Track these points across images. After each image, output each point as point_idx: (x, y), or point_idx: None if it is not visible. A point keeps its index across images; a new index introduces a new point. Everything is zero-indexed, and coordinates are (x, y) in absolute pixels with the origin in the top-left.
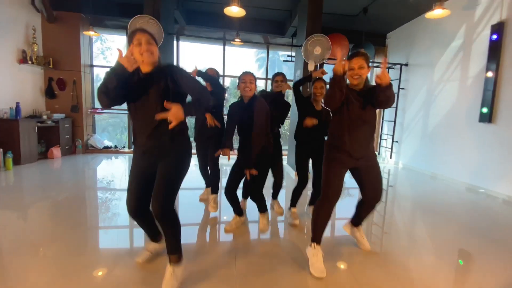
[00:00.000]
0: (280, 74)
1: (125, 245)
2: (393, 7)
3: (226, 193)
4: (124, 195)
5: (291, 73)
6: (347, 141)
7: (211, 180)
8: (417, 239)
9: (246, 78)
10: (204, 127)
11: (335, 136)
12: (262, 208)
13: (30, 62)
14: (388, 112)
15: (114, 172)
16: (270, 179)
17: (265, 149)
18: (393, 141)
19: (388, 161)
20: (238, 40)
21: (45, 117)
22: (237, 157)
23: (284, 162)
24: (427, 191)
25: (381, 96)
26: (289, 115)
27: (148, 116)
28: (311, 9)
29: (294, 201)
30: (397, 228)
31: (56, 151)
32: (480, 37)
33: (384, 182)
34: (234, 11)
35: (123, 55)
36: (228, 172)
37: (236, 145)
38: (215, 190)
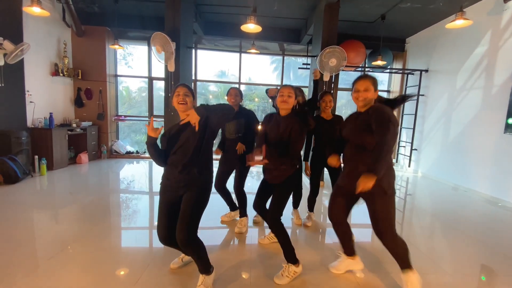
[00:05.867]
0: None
1: (145, 244)
2: (412, 13)
3: (255, 208)
4: (144, 197)
5: (306, 76)
6: (345, 168)
7: (238, 204)
8: (435, 249)
9: (285, 91)
10: (233, 147)
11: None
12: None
13: (61, 74)
14: (407, 119)
15: (136, 175)
16: None
17: (295, 171)
18: (411, 149)
19: (406, 169)
20: (254, 50)
21: (74, 125)
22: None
23: None
24: (446, 202)
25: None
26: None
27: (183, 153)
28: (327, 18)
29: (310, 206)
30: (414, 238)
31: (84, 156)
32: (507, 43)
33: (402, 190)
34: (251, 27)
35: (149, 128)
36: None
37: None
38: (243, 214)
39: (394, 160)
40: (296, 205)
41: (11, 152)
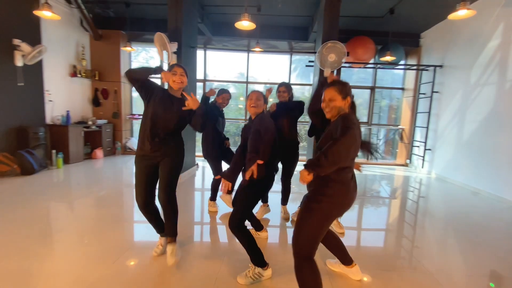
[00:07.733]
0: (283, 85)
1: (155, 238)
2: (424, 6)
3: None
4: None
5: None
6: None
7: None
8: (449, 255)
9: (253, 95)
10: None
11: None
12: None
13: (79, 75)
14: (421, 118)
15: None
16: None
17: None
18: (425, 149)
19: (420, 170)
20: (258, 49)
21: (90, 122)
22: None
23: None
24: (465, 208)
25: None
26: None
27: (166, 123)
28: (327, 13)
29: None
30: (428, 243)
31: (99, 152)
32: None
33: (415, 192)
34: (245, 25)
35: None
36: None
37: None
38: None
39: (407, 161)
40: (284, 201)
41: (28, 146)
